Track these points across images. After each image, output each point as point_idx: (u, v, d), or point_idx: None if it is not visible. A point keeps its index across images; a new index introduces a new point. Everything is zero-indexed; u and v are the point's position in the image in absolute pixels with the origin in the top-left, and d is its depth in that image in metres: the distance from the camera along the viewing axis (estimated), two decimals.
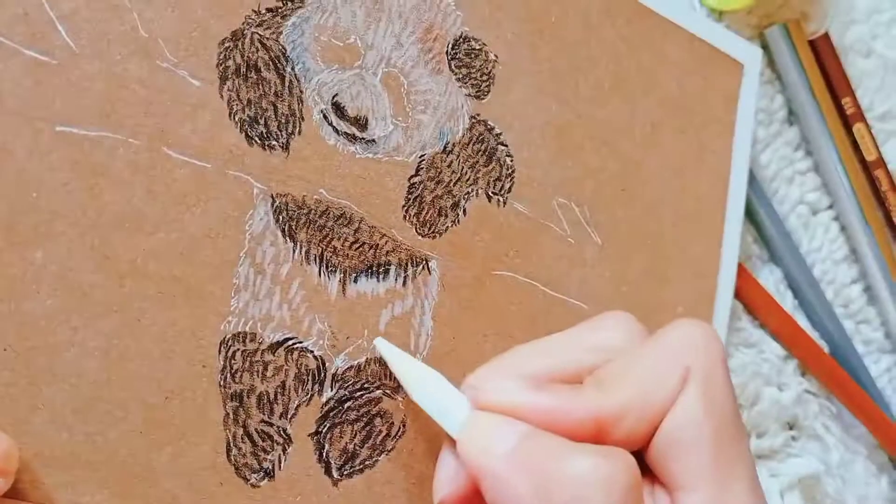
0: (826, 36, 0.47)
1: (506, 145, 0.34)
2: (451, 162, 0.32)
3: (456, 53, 0.33)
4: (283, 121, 0.29)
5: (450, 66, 0.33)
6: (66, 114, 0.26)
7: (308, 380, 0.29)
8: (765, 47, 0.46)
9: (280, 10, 0.30)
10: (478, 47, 0.34)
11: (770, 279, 0.44)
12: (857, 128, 0.47)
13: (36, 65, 0.26)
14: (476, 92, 0.33)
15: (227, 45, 0.29)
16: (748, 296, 0.43)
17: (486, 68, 0.34)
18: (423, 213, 0.32)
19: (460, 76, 0.33)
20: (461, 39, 0.33)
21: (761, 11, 0.46)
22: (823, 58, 0.47)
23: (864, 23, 0.50)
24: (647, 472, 0.24)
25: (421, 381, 0.27)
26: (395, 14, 0.32)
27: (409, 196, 0.31)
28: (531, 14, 0.35)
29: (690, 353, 0.24)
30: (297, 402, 0.29)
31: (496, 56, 0.34)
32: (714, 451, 0.23)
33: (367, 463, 0.30)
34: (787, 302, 0.45)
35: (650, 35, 0.38)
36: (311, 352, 0.29)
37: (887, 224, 0.48)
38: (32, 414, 0.25)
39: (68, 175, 0.26)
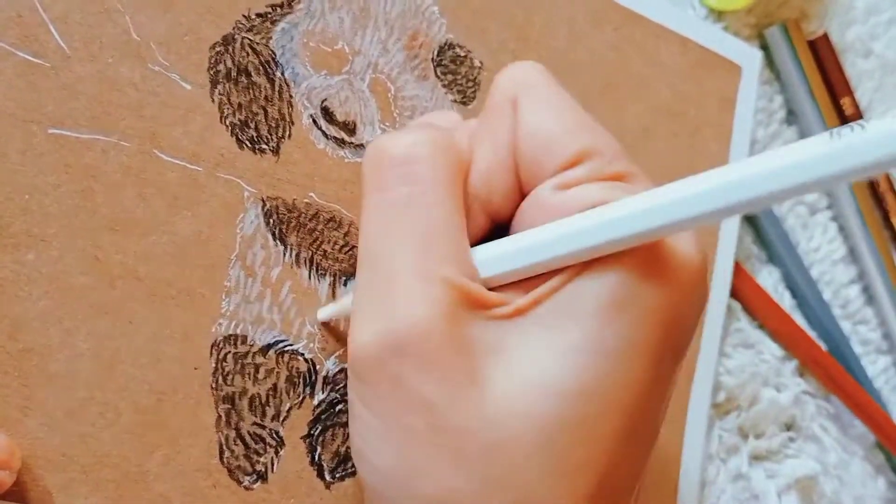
0: (825, 36, 0.47)
1: None
2: None
3: (441, 60, 0.33)
4: (274, 125, 0.29)
5: (435, 73, 0.33)
6: (59, 116, 0.26)
7: (299, 382, 0.29)
8: (764, 47, 0.46)
9: (270, 16, 0.30)
10: (463, 54, 0.34)
11: (769, 280, 0.44)
12: None
13: (28, 67, 0.26)
14: (462, 98, 0.33)
15: (217, 49, 0.29)
16: (747, 296, 0.43)
17: (472, 74, 0.34)
18: None
19: (446, 82, 0.33)
20: (446, 46, 0.33)
21: (760, 11, 0.46)
22: (822, 58, 0.47)
23: (863, 23, 0.49)
24: None
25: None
26: (381, 21, 0.32)
27: None
28: (515, 21, 0.35)
29: (511, 86, 0.23)
30: (288, 404, 0.29)
31: (481, 63, 0.34)
32: (569, 119, 0.22)
33: None
34: (786, 302, 0.44)
35: (641, 41, 0.38)
36: (302, 354, 0.29)
37: (885, 225, 0.48)
38: (25, 416, 0.25)
39: (60, 177, 0.26)
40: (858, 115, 0.47)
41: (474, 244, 0.22)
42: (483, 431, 0.20)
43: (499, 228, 0.23)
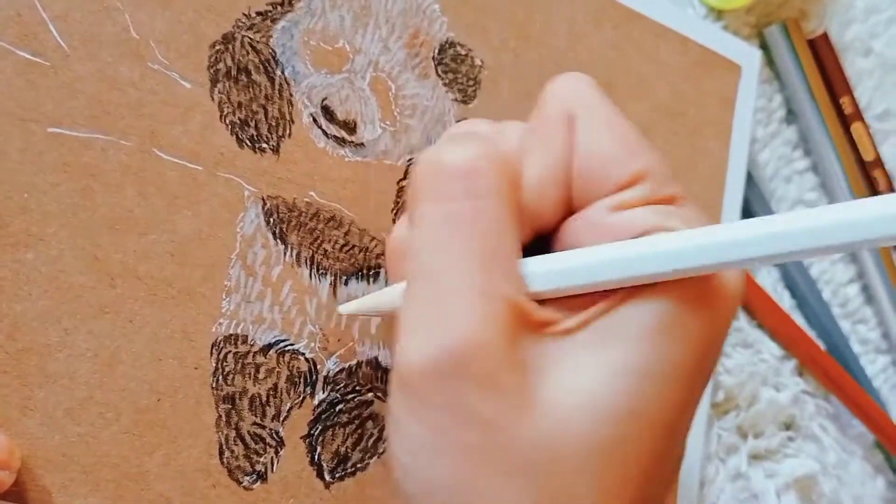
0: (825, 35, 0.47)
1: None
2: None
3: (442, 58, 0.33)
4: (274, 124, 0.29)
5: (436, 71, 0.33)
6: (58, 115, 0.26)
7: (300, 382, 0.29)
8: (763, 46, 0.46)
9: (270, 14, 0.30)
10: (463, 52, 0.33)
11: (768, 279, 0.44)
12: (856, 128, 0.47)
13: (28, 66, 0.26)
14: (463, 97, 0.33)
15: (217, 47, 0.29)
16: (746, 295, 0.43)
17: (473, 73, 0.34)
18: None
19: (447, 81, 0.33)
20: (447, 45, 0.33)
21: (760, 10, 0.46)
22: (822, 57, 0.47)
23: (862, 22, 0.49)
24: None
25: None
26: (382, 19, 0.32)
27: (399, 199, 0.31)
28: (516, 20, 0.35)
29: (566, 100, 0.24)
30: (289, 404, 0.29)
31: (482, 61, 0.34)
32: (627, 141, 0.23)
33: (358, 466, 0.30)
34: (785, 301, 0.44)
35: (640, 40, 0.38)
36: (303, 354, 0.29)
37: None
38: (24, 415, 0.25)
39: (60, 176, 0.26)
40: (858, 114, 0.47)
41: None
42: (536, 449, 0.20)
43: (539, 240, 0.24)
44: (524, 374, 0.20)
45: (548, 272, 0.21)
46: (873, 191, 0.47)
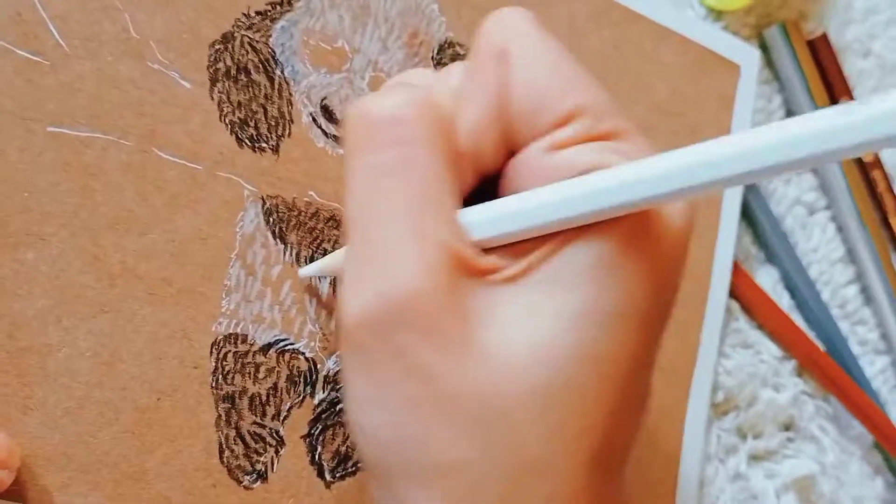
0: (824, 36, 0.47)
1: None
2: None
3: (441, 58, 0.33)
4: (273, 123, 0.29)
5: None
6: (58, 114, 0.26)
7: (300, 381, 0.29)
8: (763, 47, 0.46)
9: (269, 14, 0.30)
10: (462, 52, 0.34)
11: (767, 280, 0.44)
12: None
13: (28, 65, 0.26)
14: None
15: (217, 47, 0.29)
16: (745, 296, 0.43)
17: None
18: None
19: None
20: (446, 44, 0.33)
21: (759, 11, 0.46)
22: (821, 58, 0.47)
23: (861, 23, 0.49)
24: None
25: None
26: (381, 18, 0.32)
27: None
28: None
29: (500, 36, 0.22)
30: (289, 403, 0.29)
31: None
32: (563, 74, 0.22)
33: (359, 465, 0.30)
34: (784, 302, 0.44)
35: (640, 39, 0.38)
36: (303, 353, 0.29)
37: (884, 225, 0.48)
38: (25, 415, 0.25)
39: (59, 176, 0.26)
40: None
41: (462, 202, 0.22)
42: (483, 397, 0.19)
43: (485, 184, 0.23)
44: (466, 323, 0.20)
45: (486, 219, 0.21)
46: (872, 191, 0.47)
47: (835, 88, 0.47)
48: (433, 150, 0.21)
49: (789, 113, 0.47)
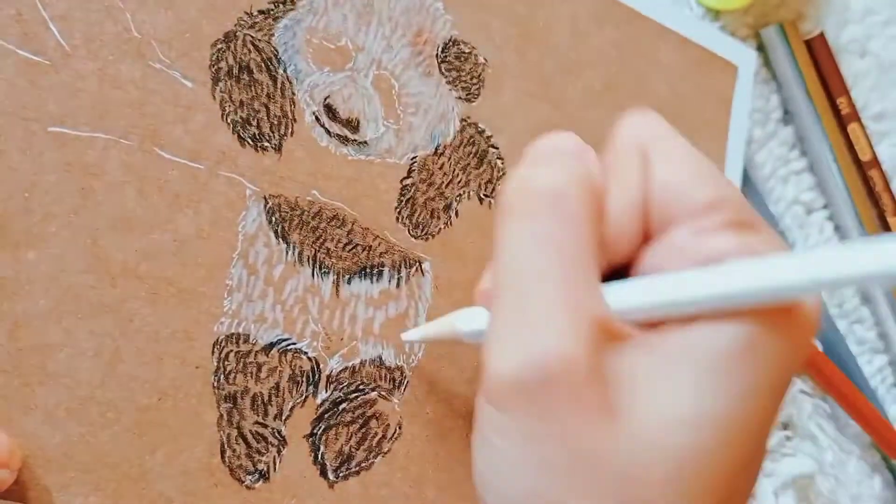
0: (822, 36, 0.47)
1: (496, 147, 0.34)
2: (443, 164, 0.32)
3: (446, 57, 0.33)
4: (276, 122, 0.29)
5: (440, 69, 0.33)
6: (59, 114, 0.26)
7: (302, 381, 0.29)
8: (760, 47, 0.46)
9: (272, 13, 0.30)
10: (467, 51, 0.34)
11: None
12: (852, 128, 0.47)
13: (29, 65, 0.26)
14: (466, 95, 0.33)
15: (219, 46, 0.29)
16: None
17: (476, 71, 0.34)
18: (416, 214, 0.32)
19: (450, 79, 0.33)
20: (451, 43, 0.33)
21: (757, 11, 0.46)
22: (819, 58, 0.47)
23: (859, 23, 0.50)
24: None
25: (465, 317, 0.27)
26: (385, 17, 0.32)
27: (402, 198, 0.31)
28: (519, 19, 0.35)
29: (637, 135, 0.24)
30: (291, 403, 0.29)
31: (485, 59, 0.34)
32: (700, 170, 0.23)
33: (362, 465, 0.30)
34: None
35: (641, 39, 0.38)
36: (305, 353, 0.29)
37: (881, 224, 0.48)
38: (26, 415, 0.25)
39: (61, 175, 0.26)
40: (854, 115, 0.47)
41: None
42: (620, 463, 0.20)
43: (613, 274, 0.24)
44: (608, 389, 0.21)
45: (633, 294, 0.22)
46: (870, 191, 0.48)
47: (832, 88, 0.47)
48: (590, 227, 0.22)
49: (787, 113, 0.47)
